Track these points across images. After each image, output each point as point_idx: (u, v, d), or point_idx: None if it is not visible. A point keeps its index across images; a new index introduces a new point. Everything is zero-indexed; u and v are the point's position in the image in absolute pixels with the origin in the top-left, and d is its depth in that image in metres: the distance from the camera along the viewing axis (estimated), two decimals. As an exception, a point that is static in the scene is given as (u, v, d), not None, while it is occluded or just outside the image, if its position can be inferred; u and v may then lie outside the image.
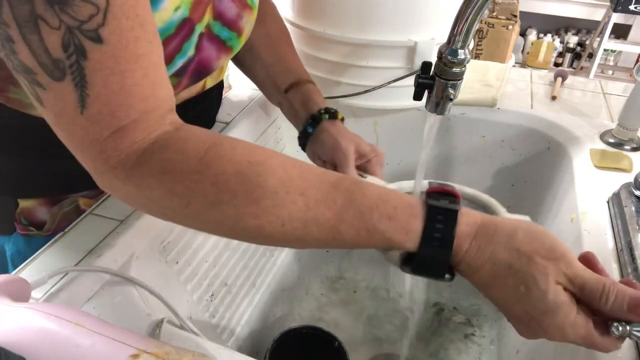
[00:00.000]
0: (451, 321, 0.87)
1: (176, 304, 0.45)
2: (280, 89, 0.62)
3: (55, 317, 0.30)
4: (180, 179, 0.33)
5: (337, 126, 0.58)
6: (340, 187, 0.36)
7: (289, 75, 0.62)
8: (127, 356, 0.29)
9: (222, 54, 0.52)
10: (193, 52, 0.47)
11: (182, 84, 0.49)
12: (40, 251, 0.44)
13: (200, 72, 0.51)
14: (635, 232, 0.47)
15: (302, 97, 0.60)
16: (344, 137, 0.56)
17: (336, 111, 0.59)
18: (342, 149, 0.55)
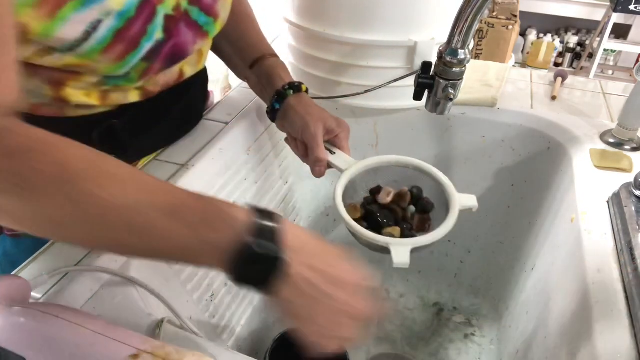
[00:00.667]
0: (451, 321, 0.87)
1: (176, 304, 0.45)
2: (246, 65, 0.64)
3: (55, 317, 0.30)
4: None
5: (302, 102, 0.59)
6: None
7: (254, 50, 0.64)
8: (127, 356, 0.29)
9: (198, 38, 0.53)
10: (162, 36, 0.47)
11: (153, 69, 0.49)
12: (40, 251, 0.44)
13: (174, 56, 0.51)
14: (635, 232, 0.47)
15: (267, 72, 0.62)
16: (311, 117, 0.57)
17: (300, 84, 0.61)
18: (311, 131, 0.56)
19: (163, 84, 0.54)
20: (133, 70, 0.47)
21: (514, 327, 0.72)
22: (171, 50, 0.49)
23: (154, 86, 0.53)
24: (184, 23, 0.49)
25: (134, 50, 0.44)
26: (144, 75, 0.49)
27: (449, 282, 0.92)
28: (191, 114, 0.66)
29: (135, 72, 0.48)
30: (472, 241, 0.88)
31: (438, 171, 0.57)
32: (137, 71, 0.47)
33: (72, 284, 0.40)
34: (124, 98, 0.51)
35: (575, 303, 0.47)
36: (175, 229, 0.33)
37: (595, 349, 0.39)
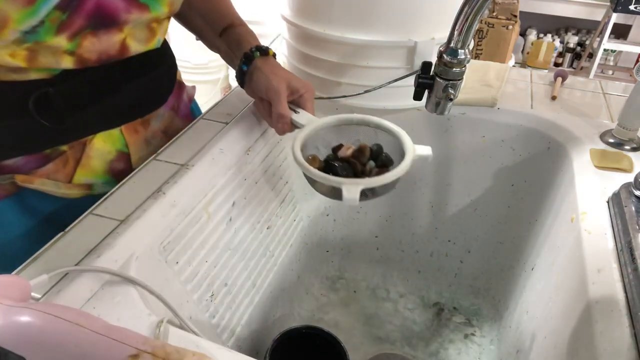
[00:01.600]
0: (451, 321, 0.87)
1: (176, 304, 0.45)
2: (216, 34, 0.66)
3: (55, 317, 0.30)
4: None
5: (269, 63, 0.61)
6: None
7: (223, 20, 0.66)
8: (127, 356, 0.29)
9: (134, 9, 0.51)
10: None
11: (74, 24, 0.47)
12: (40, 251, 0.44)
13: (101, 19, 0.49)
14: (635, 232, 0.47)
15: (236, 38, 0.64)
16: (275, 76, 0.59)
17: (267, 48, 0.63)
18: (274, 87, 0.59)
19: (100, 52, 0.51)
20: (47, 20, 0.45)
21: (514, 327, 0.72)
22: (95, 8, 0.48)
23: (88, 53, 0.50)
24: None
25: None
26: (63, 28, 0.47)
27: (449, 282, 0.92)
28: (148, 97, 0.63)
29: (50, 22, 0.45)
30: (472, 241, 0.88)
31: (396, 126, 0.59)
32: (52, 21, 0.45)
33: (72, 284, 0.40)
34: (55, 62, 0.49)
35: (575, 303, 0.47)
36: None
37: (595, 349, 0.39)
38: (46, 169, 0.56)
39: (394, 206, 0.89)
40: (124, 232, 0.46)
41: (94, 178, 0.59)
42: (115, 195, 0.52)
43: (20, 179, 0.55)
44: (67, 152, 0.56)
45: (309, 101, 0.62)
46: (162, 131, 0.66)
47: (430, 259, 0.92)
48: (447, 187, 0.85)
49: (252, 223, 0.67)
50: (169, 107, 0.67)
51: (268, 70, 0.60)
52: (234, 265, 0.64)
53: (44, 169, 0.56)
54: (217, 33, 0.66)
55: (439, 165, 0.83)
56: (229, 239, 0.62)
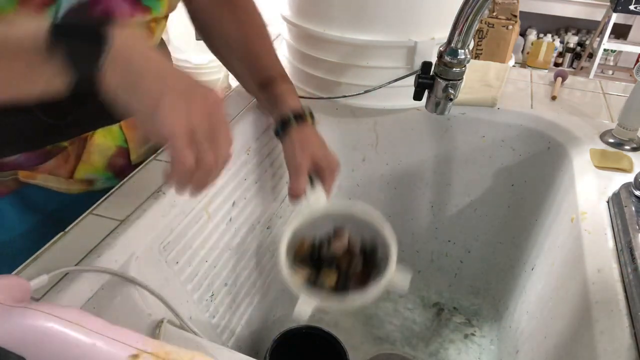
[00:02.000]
0: (451, 321, 0.87)
1: (176, 304, 0.45)
2: (255, 84, 0.64)
3: (55, 317, 0.30)
4: None
5: (303, 132, 0.61)
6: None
7: (264, 71, 0.64)
8: (127, 356, 0.29)
9: (138, 12, 0.51)
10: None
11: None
12: (40, 251, 0.44)
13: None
14: (635, 232, 0.47)
15: (275, 97, 0.62)
16: (302, 151, 0.60)
17: (304, 115, 0.62)
18: (296, 164, 0.60)
19: None
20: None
21: (514, 327, 0.72)
22: (102, 15, 0.48)
23: None
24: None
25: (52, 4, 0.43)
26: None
27: (449, 282, 0.92)
28: None
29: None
30: (472, 241, 0.88)
31: (393, 240, 0.59)
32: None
33: (72, 284, 0.40)
34: None
35: (575, 303, 0.47)
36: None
37: (595, 349, 0.39)
38: (48, 165, 0.56)
39: (394, 206, 0.89)
40: (124, 232, 0.46)
41: (95, 174, 0.60)
42: (115, 195, 0.52)
43: (23, 175, 0.56)
44: (68, 148, 0.57)
45: (329, 180, 0.62)
46: None
47: (430, 259, 0.92)
48: (447, 187, 0.85)
49: (252, 223, 0.67)
50: None
51: (298, 142, 0.60)
52: (234, 265, 0.64)
53: (45, 165, 0.56)
54: (257, 84, 0.64)
55: (439, 165, 0.83)
56: (229, 239, 0.62)
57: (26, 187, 0.57)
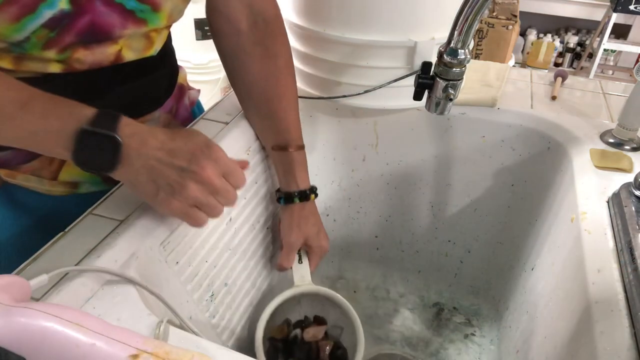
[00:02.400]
0: (451, 321, 0.87)
1: (176, 304, 0.45)
2: (269, 145, 0.65)
3: (55, 317, 0.30)
4: None
5: (302, 212, 0.66)
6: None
7: (280, 134, 0.64)
8: (127, 356, 0.29)
9: (130, 23, 0.50)
10: (68, 7, 0.44)
11: (63, 41, 0.46)
12: (40, 251, 0.44)
13: (95, 35, 0.48)
14: (635, 232, 0.47)
15: (285, 165, 0.64)
16: (299, 230, 0.65)
17: (308, 193, 0.65)
18: (289, 242, 0.66)
19: (92, 62, 0.50)
20: (34, 36, 0.44)
21: (514, 327, 0.72)
22: (88, 27, 0.47)
23: (79, 64, 0.49)
24: (101, 1, 0.47)
25: (30, 14, 0.42)
26: (50, 44, 0.46)
27: (449, 282, 0.92)
28: (142, 99, 0.60)
29: (36, 39, 0.45)
30: (472, 241, 0.88)
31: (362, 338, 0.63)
32: (38, 38, 0.45)
33: (72, 284, 0.40)
34: (42, 68, 0.48)
35: (575, 303, 0.47)
36: (27, 119, 0.40)
37: (595, 349, 0.39)
38: (31, 165, 0.56)
39: (394, 206, 0.89)
40: (123, 232, 0.46)
41: (80, 177, 0.58)
42: (115, 195, 0.52)
43: (4, 174, 0.55)
44: None
45: (315, 259, 0.69)
46: None
47: (430, 259, 0.92)
48: (447, 187, 0.85)
49: (252, 223, 0.67)
50: (166, 110, 0.65)
51: (296, 220, 0.65)
52: (234, 265, 0.64)
53: (29, 164, 0.55)
54: (271, 141, 0.65)
55: (439, 165, 0.83)
56: (229, 239, 0.62)
57: (10, 186, 0.56)
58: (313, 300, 0.69)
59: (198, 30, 1.96)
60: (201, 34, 1.97)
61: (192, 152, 0.43)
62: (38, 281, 0.38)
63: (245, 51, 0.61)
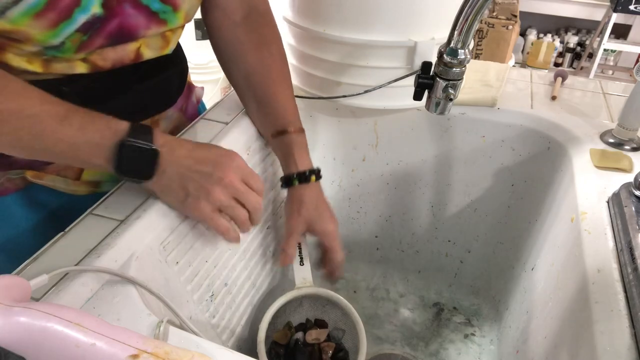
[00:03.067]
0: (451, 321, 0.87)
1: (176, 304, 0.45)
2: (267, 131, 0.65)
3: (55, 317, 0.30)
4: None
5: (303, 194, 0.63)
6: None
7: (278, 120, 0.63)
8: (127, 356, 0.29)
9: (153, 24, 0.52)
10: (100, 10, 0.46)
11: (94, 43, 0.48)
12: (40, 251, 0.44)
13: (123, 36, 0.50)
14: (635, 232, 0.47)
15: (284, 150, 0.63)
16: (299, 214, 0.63)
17: (307, 175, 0.63)
18: (290, 226, 0.64)
19: (114, 60, 0.52)
20: (68, 41, 0.46)
21: (514, 327, 0.72)
22: (117, 29, 0.49)
23: (102, 61, 0.51)
24: (130, 4, 0.49)
25: (66, 19, 0.44)
26: (82, 48, 0.48)
27: (449, 282, 0.92)
28: (158, 98, 0.62)
29: (71, 43, 0.47)
30: (472, 241, 0.88)
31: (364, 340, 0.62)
32: (73, 42, 0.47)
33: (72, 284, 0.40)
34: (69, 68, 0.50)
35: (575, 303, 0.47)
36: (66, 131, 0.43)
37: (595, 349, 0.39)
38: (56, 166, 0.57)
39: (394, 206, 0.89)
40: (124, 232, 0.46)
41: (101, 176, 0.60)
42: (115, 195, 0.52)
43: (31, 175, 0.56)
44: None
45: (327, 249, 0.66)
46: (171, 132, 0.66)
47: (430, 259, 0.92)
48: (447, 187, 0.85)
49: (252, 223, 0.67)
50: (177, 108, 0.66)
51: (296, 203, 0.63)
52: (234, 265, 0.64)
53: (54, 165, 0.56)
54: (269, 131, 0.64)
55: (439, 165, 0.83)
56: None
57: (33, 187, 0.57)
58: (315, 301, 0.68)
59: (198, 30, 1.96)
60: (201, 34, 1.97)
61: (215, 159, 0.49)
62: (38, 281, 0.38)
63: (241, 40, 0.63)
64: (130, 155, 0.45)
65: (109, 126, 0.45)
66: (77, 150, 0.44)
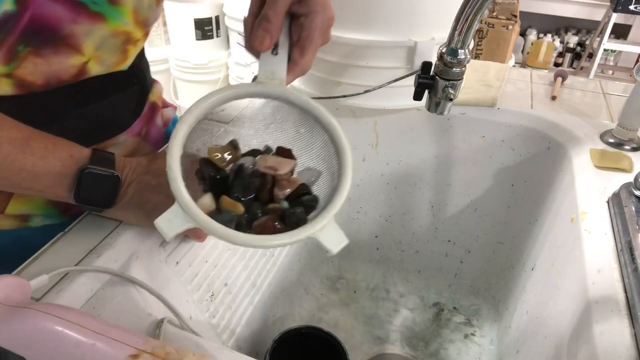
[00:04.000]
0: (451, 321, 0.87)
1: (176, 304, 0.45)
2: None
3: (55, 317, 0.30)
4: None
5: None
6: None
7: None
8: (127, 356, 0.29)
9: (83, 18, 0.43)
10: (13, 7, 0.39)
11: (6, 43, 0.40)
12: (40, 251, 0.44)
13: (39, 33, 0.42)
14: (635, 232, 0.47)
15: None
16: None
17: None
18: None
19: (48, 76, 0.44)
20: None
21: (514, 327, 0.72)
22: (29, 23, 0.40)
23: (31, 75, 0.43)
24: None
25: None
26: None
27: (449, 282, 0.92)
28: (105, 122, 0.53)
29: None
30: (472, 241, 0.88)
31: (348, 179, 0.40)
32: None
33: (72, 284, 0.40)
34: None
35: (575, 303, 0.47)
36: (27, 160, 0.40)
37: (595, 349, 0.39)
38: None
39: (394, 206, 0.89)
40: (124, 232, 0.46)
41: (32, 209, 0.52)
42: (115, 195, 0.52)
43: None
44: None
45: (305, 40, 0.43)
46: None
47: (430, 259, 0.92)
48: (447, 187, 0.85)
49: (252, 223, 0.67)
50: (133, 133, 0.57)
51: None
52: (234, 265, 0.64)
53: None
54: None
55: (439, 165, 0.83)
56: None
57: None
58: (283, 115, 0.43)
59: (198, 30, 1.96)
60: (201, 34, 1.97)
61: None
62: (38, 281, 0.38)
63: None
64: (90, 183, 0.42)
65: (71, 154, 0.42)
66: (37, 179, 0.41)
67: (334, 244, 0.37)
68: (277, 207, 0.39)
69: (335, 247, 0.37)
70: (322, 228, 0.37)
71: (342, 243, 0.37)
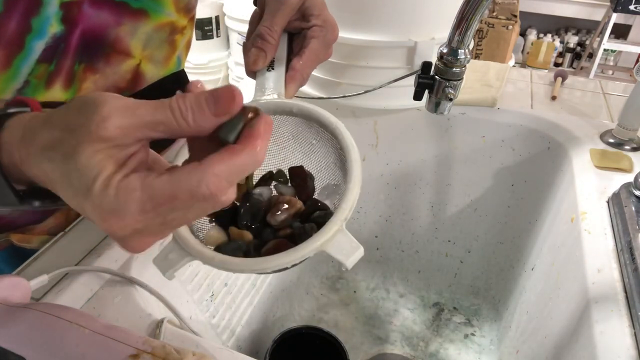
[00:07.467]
0: (451, 321, 0.87)
1: (176, 303, 0.45)
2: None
3: (55, 317, 0.30)
4: None
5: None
6: None
7: None
8: (127, 356, 0.29)
9: (126, 18, 0.41)
10: (60, 28, 0.37)
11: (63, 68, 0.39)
12: (40, 251, 0.44)
13: (90, 45, 0.40)
14: (635, 232, 0.47)
15: None
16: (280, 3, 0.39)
17: None
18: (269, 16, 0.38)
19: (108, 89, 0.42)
20: (33, 78, 0.37)
21: (514, 327, 0.72)
22: (80, 38, 0.39)
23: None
24: (89, 3, 0.39)
25: (19, 52, 0.35)
26: (52, 80, 0.39)
27: (449, 282, 0.92)
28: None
29: (37, 80, 0.38)
30: (472, 241, 0.88)
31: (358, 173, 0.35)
32: (38, 77, 0.38)
33: (72, 284, 0.40)
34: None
35: (575, 303, 0.47)
36: None
37: (595, 349, 0.39)
38: (46, 224, 0.48)
39: (394, 206, 0.89)
40: (124, 232, 0.46)
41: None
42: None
43: (17, 239, 0.48)
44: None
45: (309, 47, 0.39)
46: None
47: (430, 259, 0.92)
48: (447, 187, 0.85)
49: (252, 223, 0.67)
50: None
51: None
52: (234, 265, 0.64)
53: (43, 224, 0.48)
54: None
55: (439, 165, 0.83)
56: (229, 239, 0.62)
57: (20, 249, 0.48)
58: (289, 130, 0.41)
59: (198, 31, 1.96)
60: (201, 34, 1.97)
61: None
62: (38, 281, 0.38)
63: None
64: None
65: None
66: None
67: (346, 255, 0.31)
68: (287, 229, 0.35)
69: (348, 259, 0.31)
70: (330, 238, 0.31)
71: (356, 253, 0.31)
